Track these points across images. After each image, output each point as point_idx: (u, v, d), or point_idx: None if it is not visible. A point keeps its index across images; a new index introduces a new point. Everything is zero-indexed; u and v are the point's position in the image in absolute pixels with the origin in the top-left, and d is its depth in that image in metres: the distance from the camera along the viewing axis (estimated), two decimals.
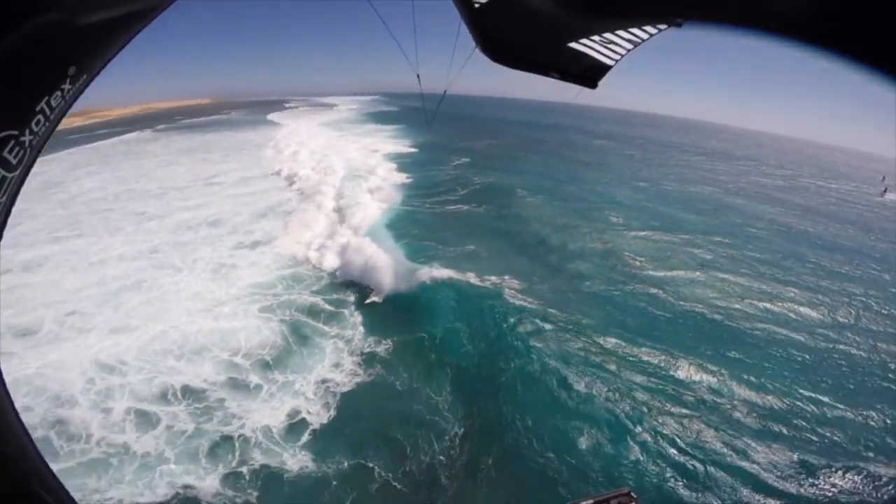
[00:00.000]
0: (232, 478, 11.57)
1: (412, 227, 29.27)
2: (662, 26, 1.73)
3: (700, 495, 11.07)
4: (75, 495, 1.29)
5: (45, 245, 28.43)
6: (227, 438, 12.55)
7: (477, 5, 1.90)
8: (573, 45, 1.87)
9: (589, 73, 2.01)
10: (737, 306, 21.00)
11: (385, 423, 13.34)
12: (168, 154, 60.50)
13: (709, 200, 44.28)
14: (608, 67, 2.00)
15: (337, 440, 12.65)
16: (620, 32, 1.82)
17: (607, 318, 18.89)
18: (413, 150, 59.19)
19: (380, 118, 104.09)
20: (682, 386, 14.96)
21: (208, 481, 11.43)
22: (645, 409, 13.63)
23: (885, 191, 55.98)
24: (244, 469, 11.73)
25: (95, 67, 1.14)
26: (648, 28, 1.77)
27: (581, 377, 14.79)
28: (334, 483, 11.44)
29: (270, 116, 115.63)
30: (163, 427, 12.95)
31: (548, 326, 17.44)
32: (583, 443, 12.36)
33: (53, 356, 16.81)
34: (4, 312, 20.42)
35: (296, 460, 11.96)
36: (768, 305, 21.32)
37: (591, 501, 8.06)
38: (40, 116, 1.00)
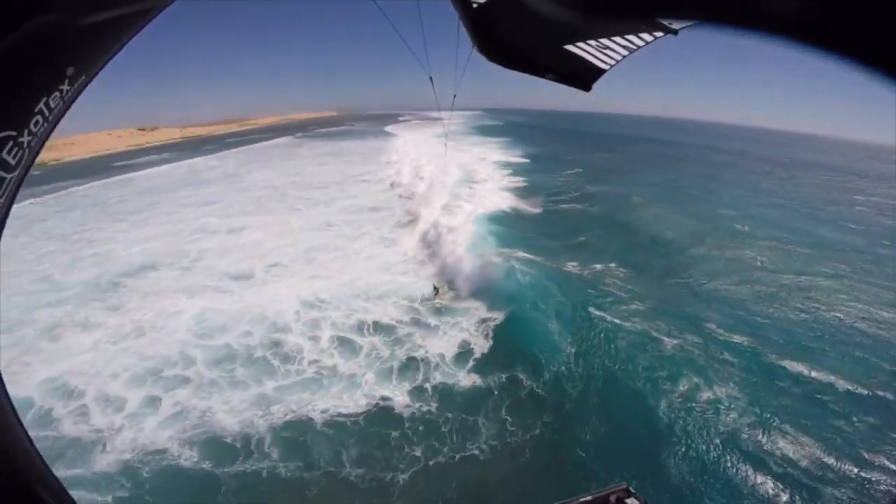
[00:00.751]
0: (417, 392, 14.68)
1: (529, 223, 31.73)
2: (658, 34, 1.76)
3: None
4: (76, 496, 1.27)
5: (241, 217, 36.36)
6: (412, 361, 15.83)
7: (475, 5, 1.91)
8: (569, 47, 1.90)
9: (583, 75, 2.05)
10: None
11: (529, 345, 16.09)
12: (316, 156, 71.25)
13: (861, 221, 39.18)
14: (602, 71, 2.03)
15: (494, 361, 15.65)
16: (617, 38, 1.84)
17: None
18: (524, 160, 61.48)
19: (486, 131, 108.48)
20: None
21: (399, 395, 14.61)
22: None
23: None
24: (427, 385, 14.83)
25: (94, 68, 1.14)
26: (645, 35, 1.80)
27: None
28: (495, 393, 14.26)
29: (388, 128, 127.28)
30: (363, 353, 16.57)
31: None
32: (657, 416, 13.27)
33: (267, 293, 22.16)
34: (222, 261, 27.10)
35: (467, 377, 14.94)
36: None
37: (590, 497, 7.88)
38: (39, 117, 1.00)
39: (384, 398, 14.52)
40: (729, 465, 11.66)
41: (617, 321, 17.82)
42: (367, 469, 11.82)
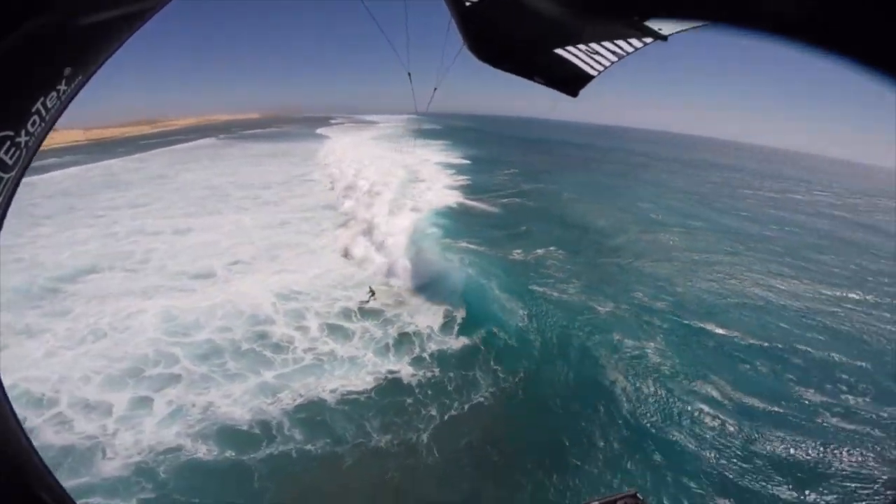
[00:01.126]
0: (417, 361, 16.33)
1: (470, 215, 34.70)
2: (649, 39, 1.76)
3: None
4: (76, 497, 1.26)
5: (184, 218, 34.89)
6: (405, 336, 17.49)
7: (468, 3, 1.91)
8: (559, 51, 1.90)
9: (571, 81, 2.06)
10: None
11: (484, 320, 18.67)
12: (249, 157, 68.52)
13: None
14: (590, 77, 2.05)
15: (476, 323, 18.18)
16: (607, 43, 1.84)
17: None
18: (465, 161, 64.68)
19: (425, 134, 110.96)
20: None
21: (402, 366, 16.08)
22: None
23: None
24: (425, 354, 16.58)
25: (91, 68, 1.16)
26: (634, 41, 1.81)
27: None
28: (482, 349, 16.71)
29: (319, 131, 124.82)
30: (357, 337, 17.72)
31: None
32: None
33: (234, 289, 22.18)
34: (174, 261, 26.26)
35: (457, 341, 17.16)
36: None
37: (598, 503, 7.94)
38: (36, 117, 1.01)
39: (390, 371, 15.94)
40: (651, 402, 14.73)
41: (556, 294, 20.90)
42: (392, 434, 13.13)
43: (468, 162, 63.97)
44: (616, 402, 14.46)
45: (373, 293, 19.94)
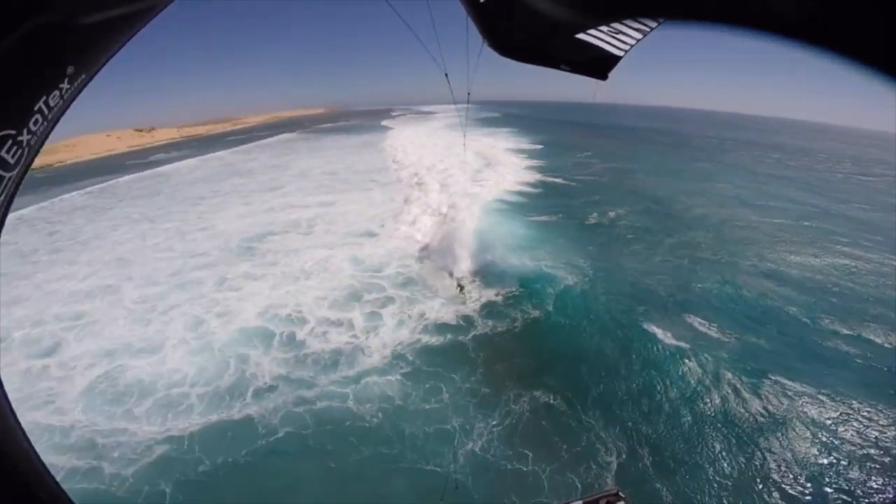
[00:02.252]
0: (428, 329, 19.07)
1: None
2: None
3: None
4: (76, 499, 1.30)
5: (322, 195, 41.80)
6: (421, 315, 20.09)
7: (482, 0, 1.90)
8: (582, 36, 1.87)
9: (599, 64, 2.05)
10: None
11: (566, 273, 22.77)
12: (341, 148, 76.10)
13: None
14: (618, 59, 2.03)
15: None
16: (629, 22, 1.83)
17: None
18: (538, 146, 68.23)
19: (487, 123, 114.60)
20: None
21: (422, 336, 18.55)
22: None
23: None
24: (430, 325, 19.17)
25: (94, 67, 1.16)
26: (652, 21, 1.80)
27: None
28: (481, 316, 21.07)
29: (384, 123, 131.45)
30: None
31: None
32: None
33: (393, 243, 27.76)
34: (336, 226, 32.53)
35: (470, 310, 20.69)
36: None
37: (580, 502, 8.07)
38: (38, 116, 1.02)
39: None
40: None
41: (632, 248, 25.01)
42: None
43: (540, 146, 67.50)
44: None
45: (462, 288, 21.38)
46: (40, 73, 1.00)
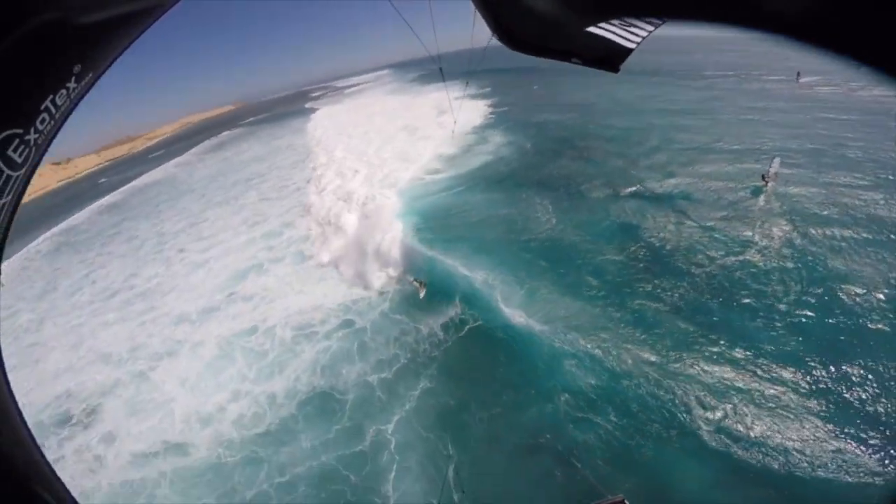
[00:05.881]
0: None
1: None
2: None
3: None
4: (76, 495, 1.28)
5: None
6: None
7: None
8: (592, 29, 1.88)
9: (611, 57, 2.04)
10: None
11: None
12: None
13: None
14: (630, 51, 2.03)
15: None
16: (639, 13, 1.84)
17: None
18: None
19: (425, 79, 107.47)
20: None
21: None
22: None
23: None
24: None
25: (101, 66, 1.16)
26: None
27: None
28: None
29: (309, 105, 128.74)
30: None
31: None
32: None
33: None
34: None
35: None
36: None
37: None
38: (45, 115, 1.02)
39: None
40: None
41: None
42: None
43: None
44: None
45: (420, 283, 20.01)
46: (46, 72, 0.99)
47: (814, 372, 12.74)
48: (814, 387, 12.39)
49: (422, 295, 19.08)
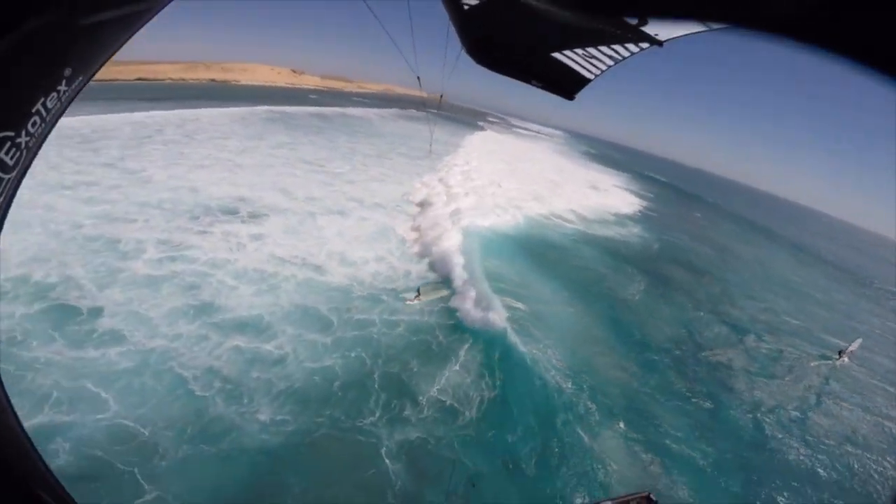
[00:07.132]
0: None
1: None
2: (645, 45, 1.79)
3: None
4: (75, 496, 1.31)
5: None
6: None
7: (466, 7, 1.96)
8: (556, 55, 1.95)
9: (568, 84, 2.11)
10: None
11: None
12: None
13: None
14: (587, 81, 2.10)
15: None
16: (603, 48, 1.87)
17: None
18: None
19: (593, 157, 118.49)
20: None
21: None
22: None
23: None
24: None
25: (91, 69, 1.16)
26: (631, 46, 1.84)
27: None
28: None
29: (481, 123, 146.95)
30: None
31: None
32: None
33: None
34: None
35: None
36: None
37: (610, 502, 8.03)
38: (37, 118, 1.03)
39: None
40: None
41: None
42: None
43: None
44: None
45: (419, 292, 20.58)
46: (39, 75, 1.00)
47: None
48: None
49: (415, 303, 20.03)
